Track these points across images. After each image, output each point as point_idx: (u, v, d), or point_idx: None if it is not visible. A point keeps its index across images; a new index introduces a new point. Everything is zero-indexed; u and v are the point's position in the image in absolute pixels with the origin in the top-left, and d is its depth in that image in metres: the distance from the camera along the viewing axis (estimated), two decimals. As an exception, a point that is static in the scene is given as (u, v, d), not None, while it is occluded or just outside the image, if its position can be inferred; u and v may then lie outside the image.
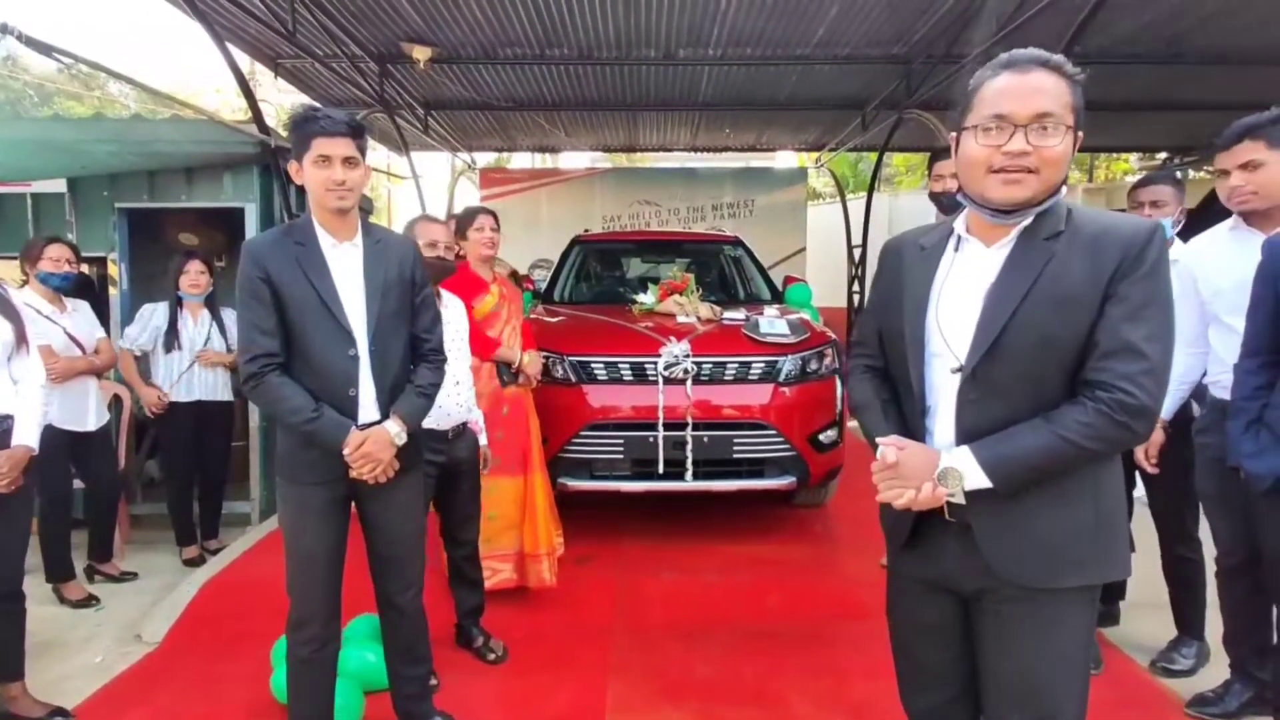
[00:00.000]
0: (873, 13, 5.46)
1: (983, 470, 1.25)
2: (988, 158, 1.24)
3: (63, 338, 3.35)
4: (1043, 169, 1.23)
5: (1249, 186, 2.18)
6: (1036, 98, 1.21)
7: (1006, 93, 1.23)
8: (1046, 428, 1.23)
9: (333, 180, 1.94)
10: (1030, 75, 1.23)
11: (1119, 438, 1.23)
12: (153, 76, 18.25)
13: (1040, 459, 1.23)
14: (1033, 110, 1.21)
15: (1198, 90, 7.19)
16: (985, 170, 1.25)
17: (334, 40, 5.74)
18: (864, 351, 1.55)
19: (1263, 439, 2.04)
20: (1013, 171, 1.23)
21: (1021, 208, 1.27)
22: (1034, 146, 1.22)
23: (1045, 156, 1.22)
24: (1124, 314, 1.21)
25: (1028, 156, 1.22)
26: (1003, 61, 1.26)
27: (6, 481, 2.31)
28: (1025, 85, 1.22)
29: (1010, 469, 1.24)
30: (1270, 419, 2.04)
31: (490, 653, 2.83)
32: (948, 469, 1.27)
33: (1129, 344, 1.20)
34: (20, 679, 2.47)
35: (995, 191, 1.25)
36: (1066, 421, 1.22)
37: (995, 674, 1.37)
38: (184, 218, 4.81)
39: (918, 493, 1.29)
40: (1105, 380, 1.21)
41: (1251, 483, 2.06)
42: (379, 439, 1.98)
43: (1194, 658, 2.69)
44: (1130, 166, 14.35)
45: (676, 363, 3.68)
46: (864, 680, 2.60)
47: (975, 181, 1.29)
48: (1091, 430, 1.21)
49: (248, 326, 1.95)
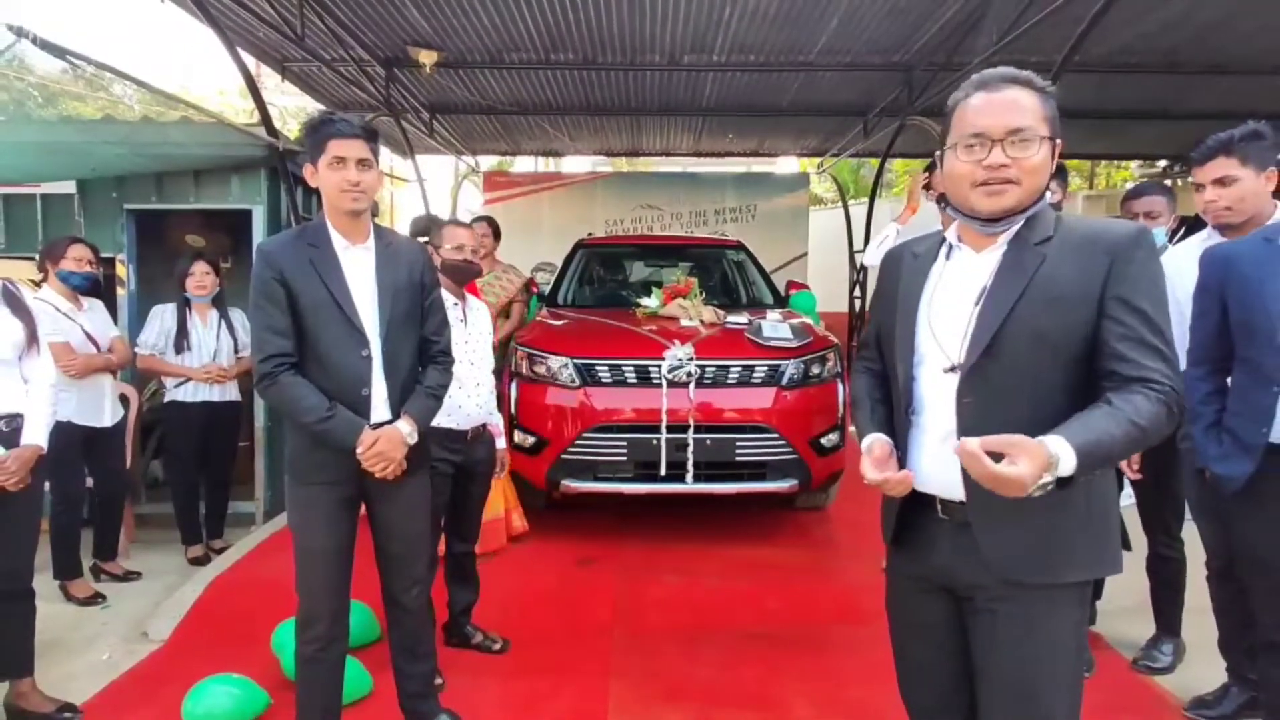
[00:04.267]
0: (874, 22, 5.51)
1: (1075, 458, 1.16)
2: (970, 173, 1.31)
3: (80, 335, 3.39)
4: (1024, 178, 1.29)
5: (1222, 201, 2.24)
6: (1010, 113, 1.28)
7: (982, 111, 1.30)
8: (1122, 416, 1.20)
9: (347, 181, 1.98)
10: (1002, 92, 1.30)
11: (1166, 431, 1.25)
12: (154, 79, 18.29)
13: (1120, 447, 1.21)
14: (1007, 125, 1.28)
15: (1196, 99, 7.25)
16: (970, 184, 1.32)
17: (341, 44, 5.78)
18: (865, 355, 1.64)
19: (1226, 444, 2.13)
20: (995, 184, 1.30)
21: (1008, 215, 1.33)
22: (1012, 159, 1.28)
23: (1024, 167, 1.29)
24: (1140, 319, 1.26)
25: (1007, 169, 1.29)
26: (975, 82, 1.34)
27: (15, 480, 2.33)
28: (998, 102, 1.30)
29: (1096, 457, 1.18)
30: (1231, 424, 2.13)
31: (493, 643, 2.86)
32: (1045, 482, 1.16)
33: (1157, 347, 1.25)
34: (30, 675, 2.49)
35: (981, 203, 1.32)
36: (1141, 410, 1.21)
37: (989, 673, 1.39)
38: (190, 219, 4.85)
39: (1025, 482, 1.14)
40: (1153, 379, 1.23)
41: (1221, 484, 2.13)
42: (391, 438, 2.01)
43: (1172, 654, 2.74)
44: (1131, 174, 14.40)
45: (680, 366, 3.71)
46: (864, 684, 2.61)
47: (962, 195, 1.35)
48: (1158, 421, 1.22)
49: (262, 327, 1.98)
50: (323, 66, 6.24)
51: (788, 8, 5.24)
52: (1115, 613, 3.01)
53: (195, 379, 3.78)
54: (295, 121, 11.23)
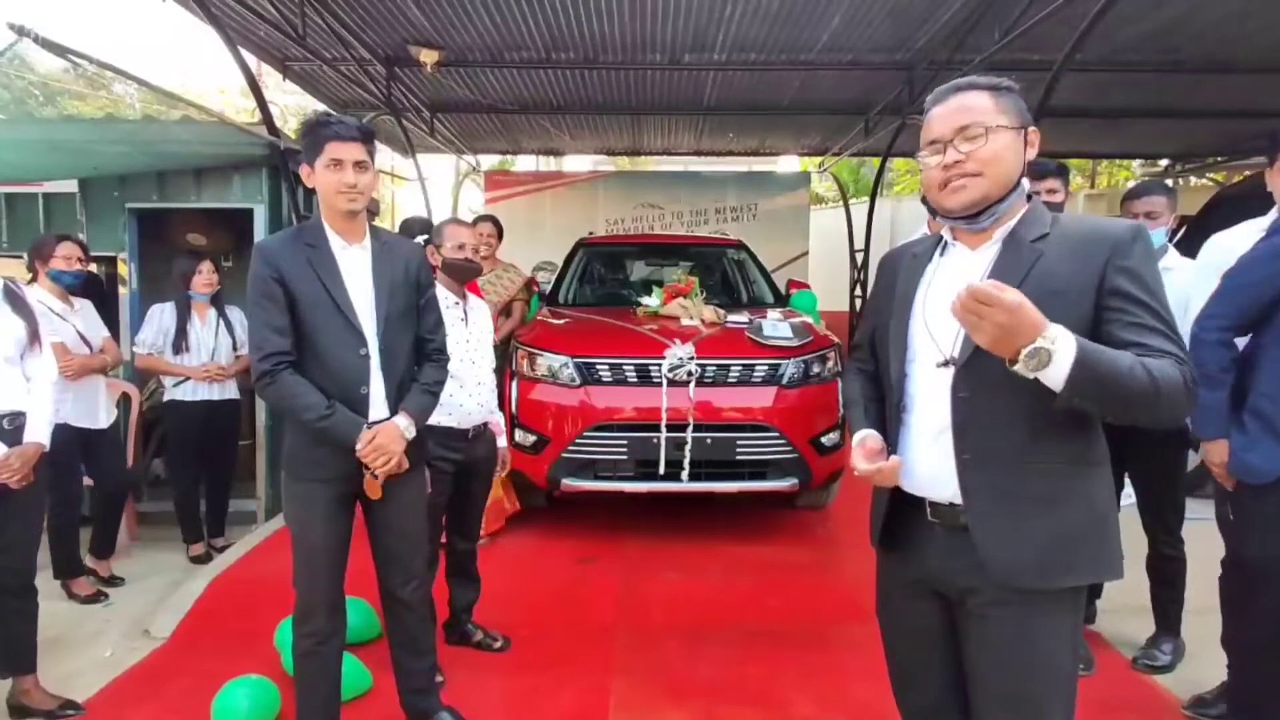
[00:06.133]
0: (875, 20, 5.50)
1: (1074, 359, 1.14)
2: (935, 177, 1.39)
3: (74, 335, 3.37)
4: (984, 169, 1.34)
5: None
6: (955, 116, 1.36)
7: (934, 120, 1.39)
8: (1133, 358, 1.20)
9: (344, 183, 1.99)
10: (949, 101, 1.38)
11: (1179, 403, 1.22)
12: (154, 77, 18.31)
13: (1125, 380, 1.17)
14: (954, 126, 1.35)
15: (1198, 98, 7.23)
16: (936, 187, 1.39)
17: (342, 43, 5.78)
18: (858, 355, 1.66)
19: (1253, 430, 2.07)
20: (955, 179, 1.35)
21: (981, 208, 1.36)
22: (965, 154, 1.34)
23: (979, 158, 1.34)
24: (1142, 307, 1.26)
25: (963, 164, 1.34)
26: (930, 100, 1.43)
27: (18, 478, 2.34)
28: (946, 110, 1.38)
29: (1097, 372, 1.16)
30: (1262, 408, 2.05)
31: (494, 641, 2.87)
32: (1041, 348, 1.14)
33: (1165, 332, 1.26)
34: (33, 673, 2.50)
35: (948, 201, 1.38)
36: (1156, 364, 1.20)
37: (982, 679, 1.38)
38: (191, 218, 4.85)
39: (995, 332, 1.15)
40: (1176, 359, 1.23)
41: (1245, 475, 2.08)
42: (390, 432, 2.03)
43: (1172, 653, 2.74)
44: (1132, 173, 14.39)
45: (681, 365, 3.72)
46: (865, 681, 2.61)
47: (934, 198, 1.43)
48: (1172, 382, 1.20)
49: (261, 325, 1.98)
50: (324, 65, 6.25)
51: (789, 6, 5.24)
52: (1115, 611, 3.01)
53: (194, 378, 3.78)
54: (296, 120, 11.23)
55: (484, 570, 2.97)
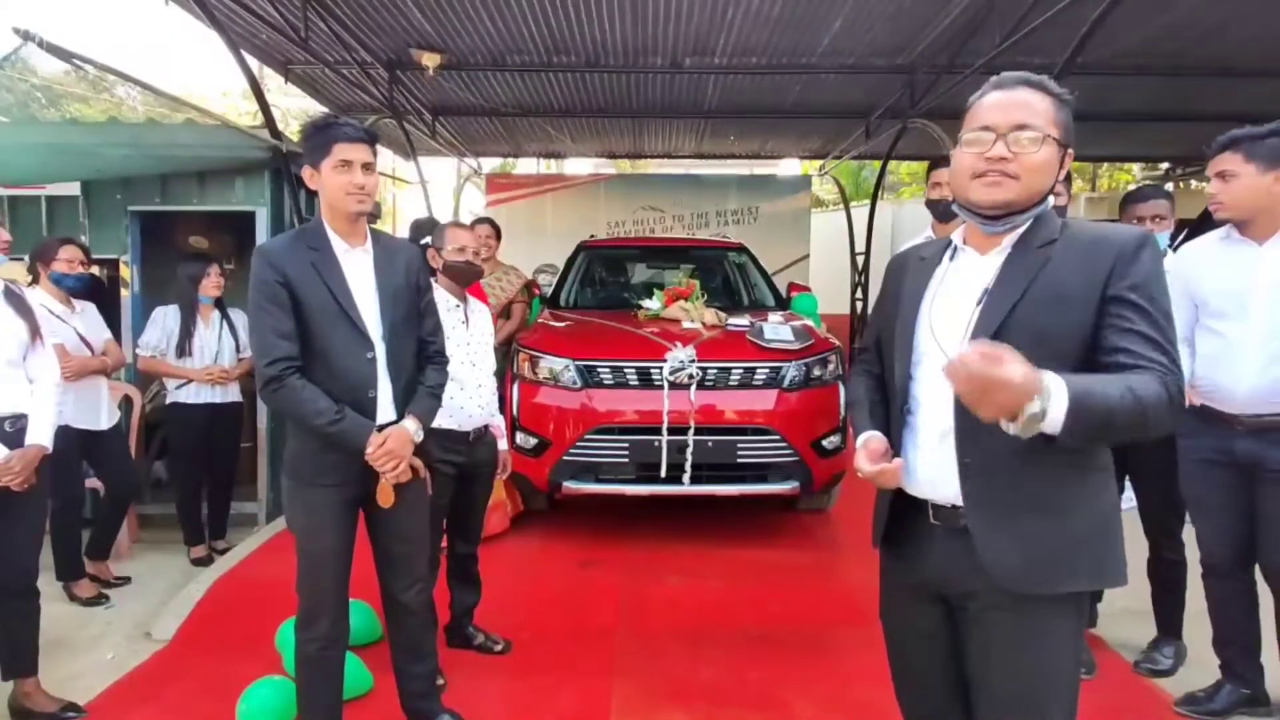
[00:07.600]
0: (877, 24, 5.51)
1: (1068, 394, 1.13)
2: (972, 165, 1.33)
3: (74, 337, 3.38)
4: (1023, 175, 1.29)
5: (1220, 195, 2.25)
6: (1017, 110, 1.30)
7: (992, 107, 1.33)
8: (1119, 381, 1.19)
9: (354, 184, 1.99)
10: (1015, 92, 1.32)
11: (1164, 420, 1.22)
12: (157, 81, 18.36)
13: (1116, 410, 1.16)
14: (1013, 120, 1.29)
15: (1199, 102, 7.24)
16: (970, 176, 1.33)
17: (345, 47, 5.80)
18: (864, 358, 1.65)
19: None
20: (993, 175, 1.30)
21: (1005, 212, 1.33)
22: (1013, 154, 1.29)
23: (1025, 164, 1.29)
24: (1141, 315, 1.26)
25: (1007, 162, 1.29)
26: (993, 82, 1.36)
27: (20, 480, 2.34)
28: (1008, 100, 1.31)
29: (1088, 408, 1.14)
30: None
31: (495, 644, 2.87)
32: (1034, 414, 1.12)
33: (1158, 341, 1.25)
34: (34, 675, 2.50)
35: (977, 194, 1.33)
36: (1139, 382, 1.19)
37: (984, 683, 1.38)
38: (193, 221, 4.86)
39: (998, 413, 1.13)
40: (1152, 369, 1.23)
41: None
42: (400, 437, 2.03)
43: (1174, 657, 2.74)
44: (1133, 176, 14.40)
45: (682, 368, 3.72)
46: (867, 685, 2.61)
47: (962, 187, 1.37)
48: (1157, 401, 1.19)
49: (266, 330, 1.97)
50: (326, 69, 6.27)
51: (790, 10, 5.25)
52: (1117, 615, 3.00)
53: (197, 380, 3.79)
54: (298, 123, 11.25)
55: (485, 573, 2.97)
